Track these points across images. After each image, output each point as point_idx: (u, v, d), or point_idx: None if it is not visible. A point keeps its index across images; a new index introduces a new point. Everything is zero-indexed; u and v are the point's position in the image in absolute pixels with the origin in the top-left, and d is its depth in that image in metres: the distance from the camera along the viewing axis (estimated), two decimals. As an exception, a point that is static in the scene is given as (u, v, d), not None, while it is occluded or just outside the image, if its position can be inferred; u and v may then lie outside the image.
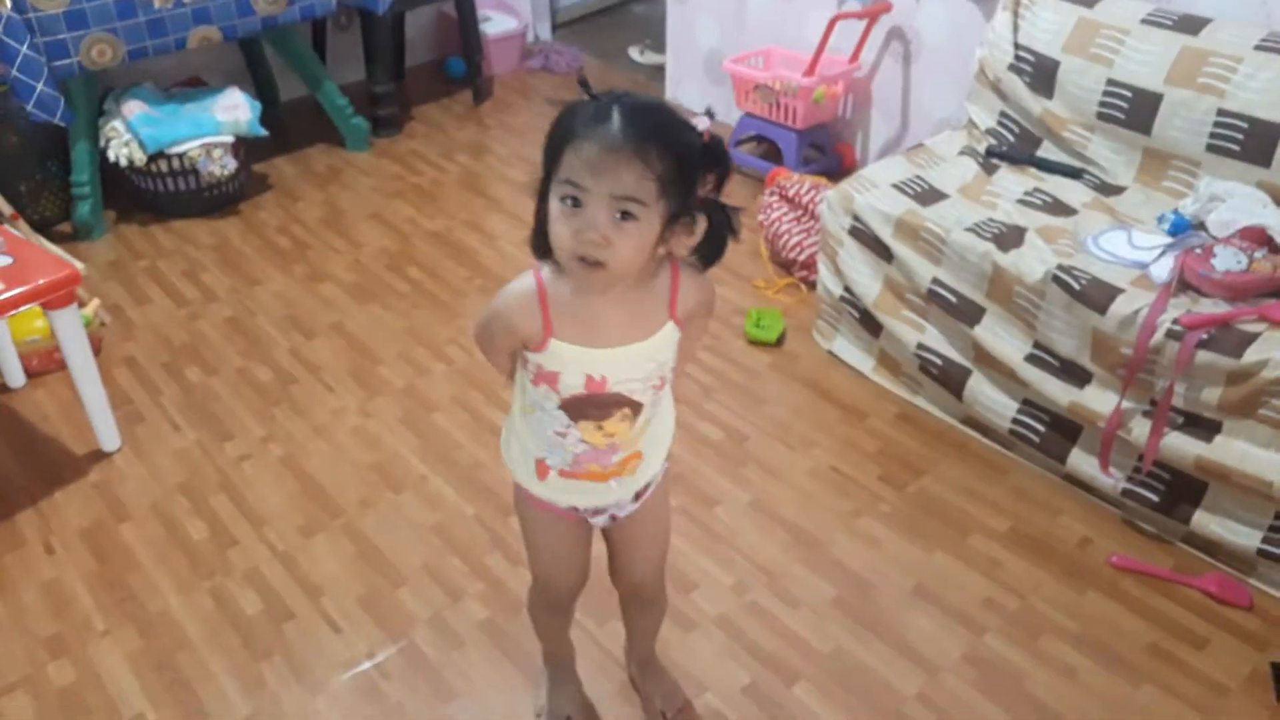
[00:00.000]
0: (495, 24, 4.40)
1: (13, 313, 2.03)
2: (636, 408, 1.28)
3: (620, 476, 1.36)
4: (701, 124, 1.13)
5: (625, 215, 1.09)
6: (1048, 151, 2.52)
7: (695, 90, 4.05)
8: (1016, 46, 2.54)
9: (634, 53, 4.65)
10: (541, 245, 1.19)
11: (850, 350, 2.57)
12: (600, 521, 1.44)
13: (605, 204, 1.09)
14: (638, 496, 1.43)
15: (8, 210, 2.53)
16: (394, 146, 3.73)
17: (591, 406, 1.27)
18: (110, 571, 2.00)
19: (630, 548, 1.50)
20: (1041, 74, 2.49)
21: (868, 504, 2.17)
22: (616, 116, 1.08)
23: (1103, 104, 2.38)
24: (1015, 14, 2.56)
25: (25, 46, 2.71)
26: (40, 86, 2.78)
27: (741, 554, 2.04)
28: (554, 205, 1.12)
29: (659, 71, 4.32)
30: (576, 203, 1.10)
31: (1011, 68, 2.55)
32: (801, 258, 2.85)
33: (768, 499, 2.18)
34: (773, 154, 3.53)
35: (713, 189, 1.17)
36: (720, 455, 2.30)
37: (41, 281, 2.03)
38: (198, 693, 1.76)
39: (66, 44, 2.80)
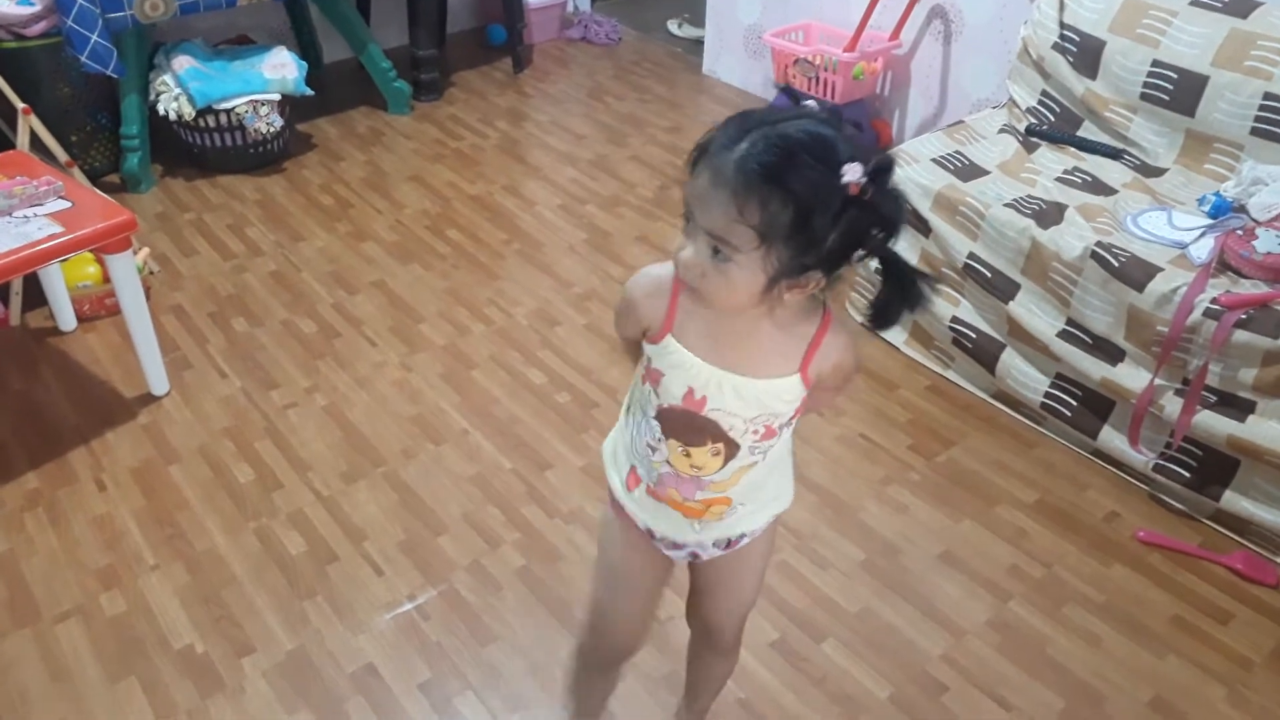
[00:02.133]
0: (536, -7, 4.42)
1: (73, 255, 2.09)
2: (731, 447, 1.15)
3: (704, 519, 1.23)
4: (852, 174, 0.93)
5: (717, 253, 0.98)
6: (1088, 131, 2.53)
7: (733, 64, 4.06)
8: (1062, 25, 2.55)
9: (672, 25, 4.66)
10: None
11: (884, 323, 2.59)
12: (680, 556, 1.32)
13: (704, 236, 0.98)
14: (730, 544, 1.30)
15: (63, 157, 2.58)
16: (435, 111, 3.77)
17: (684, 425, 1.15)
18: (159, 509, 2.06)
19: (712, 590, 1.38)
20: (1086, 54, 2.50)
21: (897, 472, 2.20)
22: (742, 148, 0.94)
23: (1147, 85, 2.39)
24: (1062, -8, 2.57)
25: (81, -2, 2.76)
26: (94, 38, 2.83)
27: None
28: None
29: (697, 45, 4.34)
30: (690, 221, 1.01)
31: (1055, 46, 2.55)
32: (837, 231, 2.87)
33: (797, 464, 2.18)
34: (810, 129, 3.54)
35: (880, 242, 0.99)
36: (753, 421, 2.33)
37: (100, 225, 2.08)
38: (244, 627, 1.82)
39: (121, -3, 2.85)
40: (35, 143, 2.53)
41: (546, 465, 2.19)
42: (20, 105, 2.48)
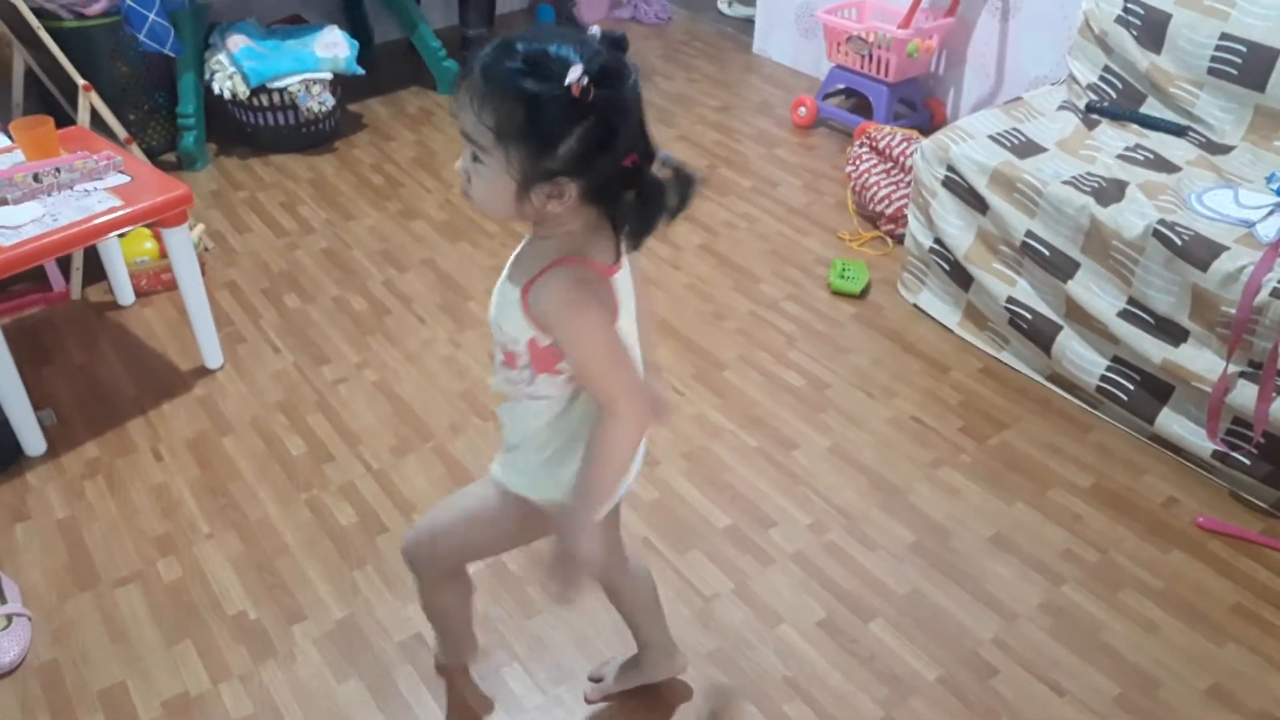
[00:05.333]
0: (585, -28, 4.40)
1: (132, 228, 2.13)
2: (499, 358, 1.19)
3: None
4: (572, 75, 0.94)
5: (475, 159, 1.03)
6: (1152, 108, 2.46)
7: (784, 43, 4.01)
8: (1126, -1, 2.48)
9: (722, 4, 4.62)
10: None
11: (936, 304, 2.56)
12: None
13: (465, 143, 1.04)
14: None
15: (122, 134, 2.63)
16: (483, 91, 3.77)
17: None
18: (214, 479, 2.10)
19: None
20: (1151, 27, 2.42)
21: (948, 454, 2.17)
22: (485, 54, 0.99)
23: (1215, 59, 2.31)
24: (1127, -35, 2.49)
25: (140, -22, 2.80)
26: (152, 17, 2.87)
27: (820, 496, 2.06)
28: None
29: (747, 25, 4.29)
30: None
31: (1119, 20, 2.48)
32: (889, 210, 2.83)
33: (847, 445, 2.19)
34: (862, 108, 3.50)
35: (637, 158, 1.02)
36: (801, 401, 2.31)
37: (157, 199, 2.12)
38: (295, 595, 1.85)
39: (178, -23, 2.89)
40: (95, 120, 2.58)
41: (593, 442, 2.19)
42: (81, 82, 2.53)
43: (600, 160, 1.00)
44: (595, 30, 1.01)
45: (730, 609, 1.82)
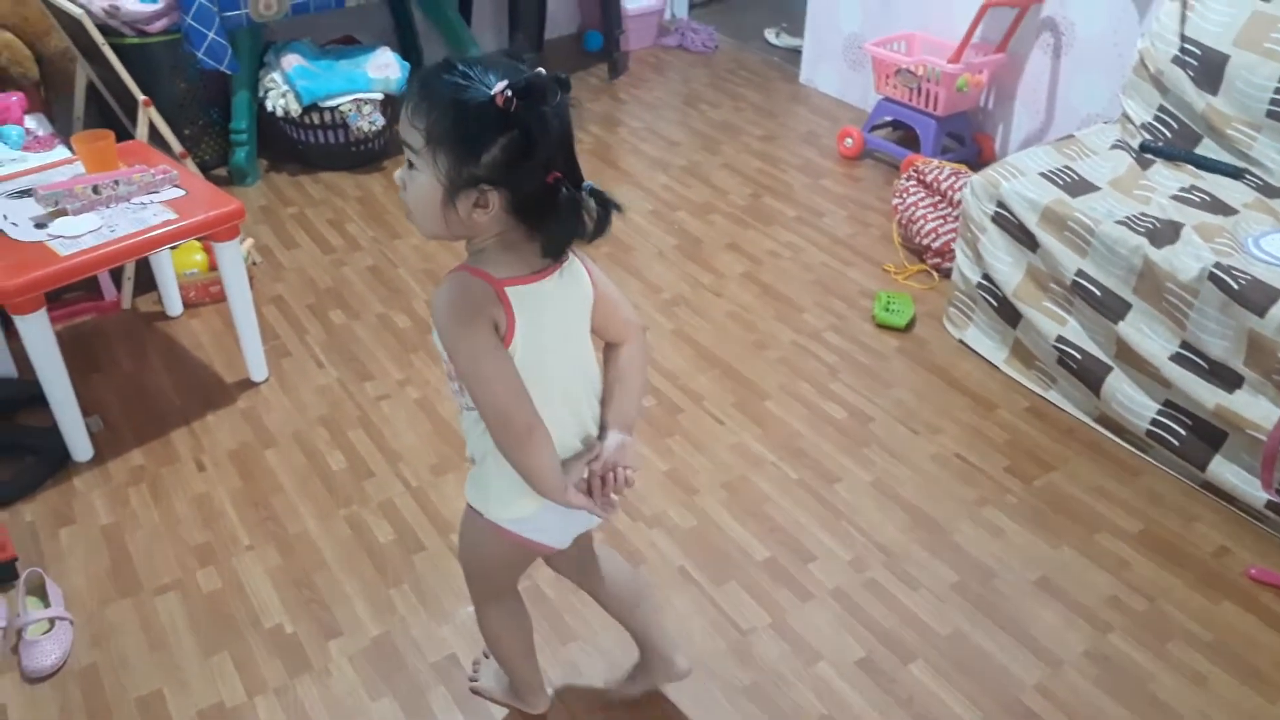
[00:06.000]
0: (634, 0, 4.44)
1: (185, 240, 2.17)
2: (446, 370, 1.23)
3: None
4: (498, 86, 1.01)
5: (410, 164, 1.09)
6: (1208, 149, 2.43)
7: (831, 73, 4.02)
8: (1183, 39, 2.45)
9: (769, 34, 4.64)
10: None
11: (982, 340, 2.53)
12: None
13: (404, 151, 1.09)
14: None
15: (178, 148, 2.68)
16: (530, 114, 3.80)
17: None
18: (255, 491, 2.11)
19: None
20: (1208, 68, 2.39)
21: (993, 494, 2.13)
22: (425, 68, 1.08)
23: (1274, 102, 2.28)
24: (1184, 5, 2.47)
25: (202, -3, 2.87)
26: (211, 35, 2.93)
27: (861, 531, 2.03)
28: None
29: (794, 55, 4.30)
30: None
31: (1175, 60, 2.46)
32: (936, 244, 2.81)
33: (889, 480, 2.17)
34: (908, 141, 3.48)
35: (559, 176, 1.06)
36: (843, 434, 2.29)
37: (211, 214, 2.15)
38: (332, 611, 1.85)
39: (238, -4, 2.95)
40: (153, 134, 2.63)
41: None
42: (141, 97, 2.58)
43: (522, 171, 1.05)
44: (541, 71, 1.06)
45: (767, 643, 1.80)
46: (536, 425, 1.17)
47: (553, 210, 1.07)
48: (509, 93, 1.00)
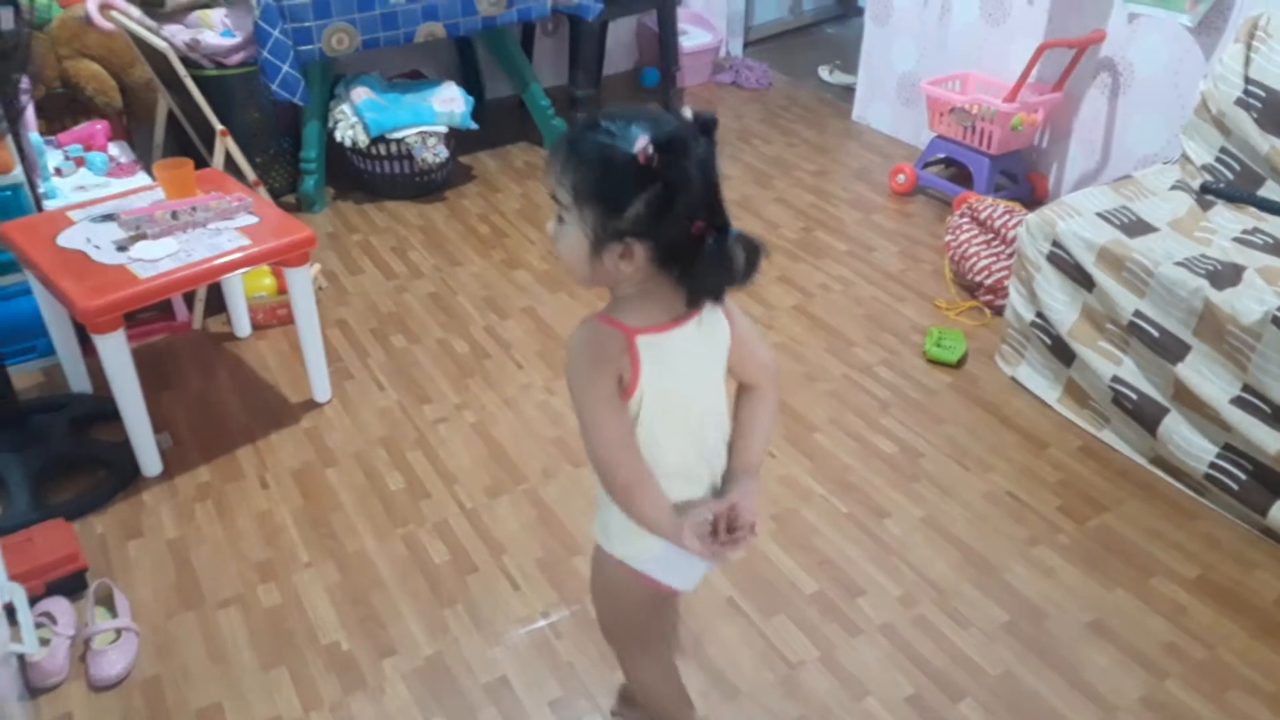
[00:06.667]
0: (691, 37, 4.52)
1: (259, 265, 2.25)
2: None
3: None
4: (640, 144, 1.02)
5: (560, 218, 1.11)
6: (1271, 191, 2.41)
7: (884, 110, 4.04)
8: (1247, 80, 2.44)
9: (823, 72, 4.68)
10: None
11: (1035, 378, 2.52)
12: None
13: (554, 205, 1.12)
14: None
15: (251, 176, 2.79)
16: (587, 147, 3.88)
17: None
18: (315, 510, 2.17)
19: None
20: (1273, 110, 2.38)
21: (1045, 533, 2.12)
22: (574, 126, 1.11)
23: (1339, 145, 2.26)
24: (1248, 46, 2.46)
25: (277, 31, 2.98)
26: (285, 68, 3.05)
27: (911, 567, 2.03)
28: None
29: (848, 92, 4.34)
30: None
31: (1239, 102, 2.44)
32: (989, 281, 2.81)
33: (940, 517, 2.16)
34: (961, 178, 3.49)
35: (703, 226, 1.06)
36: (893, 469, 2.29)
37: (283, 241, 2.23)
38: (388, 629, 1.89)
39: (311, 31, 3.06)
40: (228, 162, 2.73)
41: (683, 497, 2.20)
42: (219, 127, 2.69)
43: (665, 224, 1.06)
44: (688, 112, 1.08)
45: (816, 678, 1.80)
46: (637, 481, 1.18)
47: (697, 259, 1.08)
48: (650, 149, 1.02)
